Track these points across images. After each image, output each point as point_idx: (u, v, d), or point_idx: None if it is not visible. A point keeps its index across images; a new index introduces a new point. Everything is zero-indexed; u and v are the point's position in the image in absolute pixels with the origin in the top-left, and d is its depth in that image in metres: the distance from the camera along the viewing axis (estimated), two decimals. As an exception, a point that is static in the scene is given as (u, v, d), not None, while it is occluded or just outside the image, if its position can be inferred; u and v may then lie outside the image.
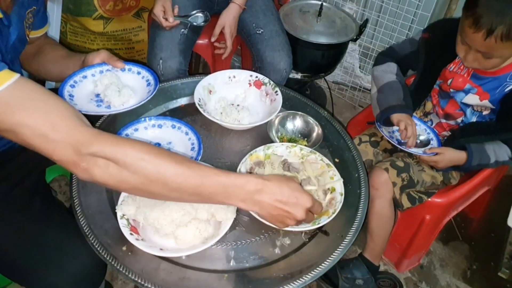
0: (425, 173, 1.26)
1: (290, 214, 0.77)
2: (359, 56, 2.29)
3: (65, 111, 0.71)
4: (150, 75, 1.14)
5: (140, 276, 0.78)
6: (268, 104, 1.18)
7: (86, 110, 1.01)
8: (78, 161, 0.69)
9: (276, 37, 1.50)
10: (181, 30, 1.44)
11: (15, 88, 0.68)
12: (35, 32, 1.07)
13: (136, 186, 0.71)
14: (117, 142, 0.70)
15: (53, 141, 0.68)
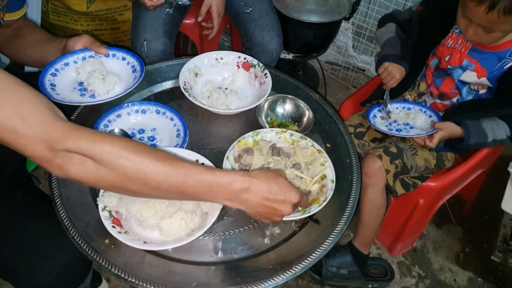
0: (418, 157, 1.23)
1: (277, 211, 0.74)
2: (352, 35, 2.23)
3: (37, 104, 0.65)
4: (136, 60, 1.09)
5: (123, 270, 0.75)
6: (257, 87, 1.14)
7: (69, 100, 0.97)
8: (52, 158, 0.64)
9: (265, 16, 1.44)
10: (166, 9, 1.37)
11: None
12: (11, 15, 1.01)
13: (114, 184, 0.67)
14: (93, 138, 0.65)
15: (24, 136, 0.63)
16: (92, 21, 1.99)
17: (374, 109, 1.28)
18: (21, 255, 0.83)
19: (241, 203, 0.72)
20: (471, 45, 1.16)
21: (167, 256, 0.79)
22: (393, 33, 1.31)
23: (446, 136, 1.16)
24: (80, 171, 0.65)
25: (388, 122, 1.25)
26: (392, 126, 1.24)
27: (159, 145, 0.98)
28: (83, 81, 1.03)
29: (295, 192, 0.74)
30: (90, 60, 1.05)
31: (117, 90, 1.03)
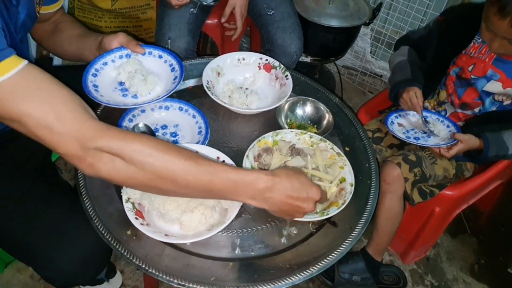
0: (437, 166, 1.23)
1: (300, 208, 0.75)
2: (371, 41, 2.23)
3: (71, 103, 0.68)
4: (173, 58, 1.09)
5: (144, 261, 0.76)
6: (278, 88, 1.15)
7: (114, 102, 0.98)
8: (83, 156, 0.66)
9: (287, 19, 1.46)
10: (190, 9, 1.39)
11: (22, 76, 0.65)
12: (47, 8, 1.02)
13: (143, 182, 0.69)
14: (124, 137, 0.67)
15: (58, 133, 0.65)
16: (115, 18, 2.03)
17: (392, 115, 1.28)
18: (45, 242, 0.86)
19: (264, 201, 0.74)
20: (495, 55, 1.16)
21: (186, 250, 0.81)
22: (405, 55, 1.32)
23: (465, 148, 1.15)
24: (110, 169, 0.67)
25: (406, 129, 1.25)
26: (410, 133, 1.24)
27: (180, 142, 1.00)
28: (124, 81, 1.04)
29: (316, 189, 0.76)
30: (129, 60, 1.05)
31: (158, 90, 1.04)
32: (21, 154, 0.95)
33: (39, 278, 1.37)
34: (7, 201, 0.89)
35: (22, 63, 0.67)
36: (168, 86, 1.03)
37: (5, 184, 0.91)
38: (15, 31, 0.85)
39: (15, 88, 0.65)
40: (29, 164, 0.95)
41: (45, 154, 1.04)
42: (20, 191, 0.91)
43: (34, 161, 0.97)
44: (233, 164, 0.90)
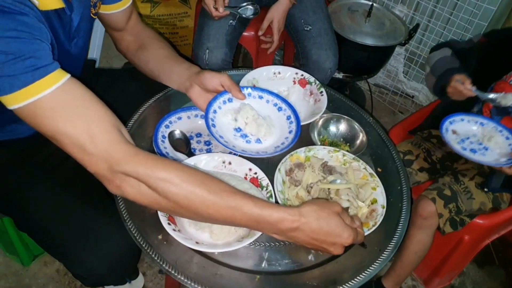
0: (474, 201, 1.19)
1: (326, 250, 0.74)
2: (404, 61, 2.21)
3: (106, 123, 0.71)
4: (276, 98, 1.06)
5: (173, 267, 0.77)
6: (312, 104, 1.15)
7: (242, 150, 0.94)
8: (111, 178, 0.70)
9: (324, 35, 1.47)
10: (229, 21, 1.42)
11: (63, 92, 0.68)
12: (109, 7, 1.00)
13: (167, 209, 0.73)
14: (151, 164, 0.69)
15: (89, 154, 0.68)
16: (153, 24, 2.09)
17: (446, 120, 1.19)
18: (78, 241, 0.88)
19: (288, 238, 0.74)
20: None
21: (214, 259, 0.81)
22: (449, 53, 1.29)
23: None
24: (136, 193, 0.71)
25: (461, 138, 1.17)
26: (465, 143, 1.16)
27: (214, 150, 1.01)
28: (241, 127, 1.01)
29: (348, 234, 0.72)
30: (245, 107, 1.01)
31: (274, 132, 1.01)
32: (58, 155, 0.98)
33: (65, 273, 1.41)
34: (46, 199, 0.92)
35: (65, 78, 0.69)
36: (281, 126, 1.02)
37: (43, 184, 0.94)
38: (69, 37, 0.88)
39: (55, 104, 0.67)
40: (65, 165, 0.98)
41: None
42: (57, 190, 0.93)
43: (70, 162, 1.00)
44: (265, 177, 0.90)
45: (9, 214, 1.02)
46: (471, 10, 1.84)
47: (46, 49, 0.70)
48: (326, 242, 0.72)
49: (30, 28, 0.67)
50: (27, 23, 0.67)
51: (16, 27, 0.65)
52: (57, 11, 0.80)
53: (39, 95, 0.66)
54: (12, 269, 1.42)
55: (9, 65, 0.63)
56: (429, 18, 2.00)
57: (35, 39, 0.67)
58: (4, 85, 0.64)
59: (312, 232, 0.71)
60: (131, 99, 1.09)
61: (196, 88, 0.99)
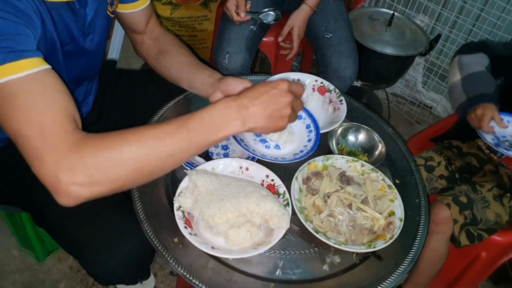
0: (489, 211, 1.17)
1: (279, 103, 0.74)
2: (423, 71, 2.19)
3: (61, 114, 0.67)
4: None
5: (188, 271, 0.78)
6: (331, 112, 1.15)
7: (262, 155, 0.95)
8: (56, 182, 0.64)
9: (345, 43, 1.46)
10: (250, 26, 1.42)
11: (32, 80, 0.65)
12: (126, 6, 1.01)
13: (129, 178, 0.68)
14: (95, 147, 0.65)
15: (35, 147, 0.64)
16: (172, 26, 2.11)
17: None
18: (95, 239, 0.88)
19: (246, 115, 0.73)
20: None
21: (229, 265, 0.81)
22: (484, 66, 1.22)
23: None
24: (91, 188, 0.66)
25: (496, 135, 1.15)
26: (500, 141, 1.15)
27: (231, 155, 1.01)
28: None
29: (280, 80, 0.76)
30: None
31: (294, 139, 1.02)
32: None
33: (78, 270, 1.43)
34: None
35: (40, 67, 0.66)
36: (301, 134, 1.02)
37: None
38: (83, 33, 0.89)
39: (20, 90, 0.64)
40: None
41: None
42: None
43: None
44: (282, 185, 0.90)
45: (27, 210, 1.03)
46: (495, 22, 1.81)
47: (30, 35, 0.68)
48: (268, 92, 0.74)
49: (19, 12, 0.67)
50: (17, 7, 0.67)
51: (4, 8, 0.65)
52: (68, 4, 0.80)
53: (6, 78, 0.63)
54: (27, 264, 1.44)
55: None
56: (450, 29, 1.97)
57: (20, 24, 0.67)
58: None
59: (252, 95, 0.74)
60: (151, 101, 1.10)
61: (219, 95, 0.99)
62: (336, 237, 0.86)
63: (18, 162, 0.95)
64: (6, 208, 1.16)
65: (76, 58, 0.92)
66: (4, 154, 0.97)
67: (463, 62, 1.26)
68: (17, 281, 1.40)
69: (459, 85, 1.23)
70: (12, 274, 1.41)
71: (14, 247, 1.48)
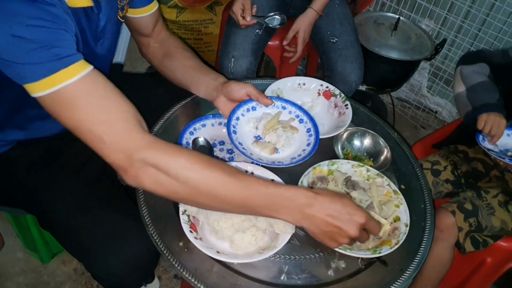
0: (495, 218, 1.17)
1: (342, 230, 0.72)
2: (429, 76, 2.19)
3: (125, 113, 0.72)
4: (298, 110, 1.06)
5: (193, 275, 0.78)
6: (336, 116, 1.15)
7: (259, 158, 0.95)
8: (128, 167, 0.70)
9: (350, 48, 1.46)
10: (256, 30, 1.43)
11: (85, 82, 0.70)
12: (136, 11, 1.02)
13: (184, 197, 0.72)
14: (170, 151, 0.70)
15: (107, 142, 0.69)
16: (178, 29, 2.12)
17: None
18: (100, 243, 0.88)
19: (304, 218, 0.73)
20: None
21: (234, 269, 0.81)
22: (486, 76, 1.24)
23: None
24: (153, 182, 0.70)
25: (498, 148, 1.17)
26: (502, 153, 1.16)
27: (236, 159, 1.02)
28: (261, 136, 1.02)
29: (361, 212, 0.73)
30: (266, 117, 1.03)
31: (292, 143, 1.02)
32: (82, 156, 1.00)
33: (82, 272, 1.43)
34: (69, 199, 0.93)
35: (87, 68, 0.71)
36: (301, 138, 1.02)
37: (67, 184, 0.95)
38: (95, 37, 0.89)
39: (77, 93, 0.69)
40: (90, 167, 0.99)
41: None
42: (81, 191, 0.94)
43: (95, 163, 1.01)
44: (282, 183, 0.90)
45: (32, 212, 1.04)
46: (501, 27, 1.80)
47: (70, 39, 0.71)
48: (341, 218, 0.72)
49: (56, 18, 0.69)
50: (53, 13, 0.68)
51: (43, 16, 0.66)
52: (85, 9, 0.82)
53: (62, 84, 0.67)
54: (31, 266, 1.44)
55: (34, 53, 0.65)
56: (456, 34, 1.97)
57: (60, 29, 0.69)
58: (28, 72, 0.66)
59: (326, 208, 0.72)
60: (157, 104, 1.10)
61: (223, 98, 1.01)
62: (341, 242, 0.85)
63: (24, 165, 0.97)
64: (11, 210, 1.17)
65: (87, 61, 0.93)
66: (9, 157, 0.97)
67: (465, 73, 1.28)
68: (21, 283, 1.40)
69: (464, 95, 1.25)
70: (16, 276, 1.42)
71: (19, 249, 1.48)
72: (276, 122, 1.02)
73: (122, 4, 0.95)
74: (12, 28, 0.64)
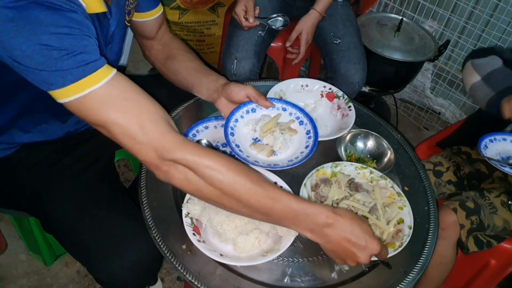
0: (497, 217, 1.16)
1: (354, 255, 0.74)
2: (432, 77, 2.18)
3: (155, 114, 0.74)
4: (298, 111, 1.05)
5: (197, 278, 0.78)
6: (339, 118, 1.14)
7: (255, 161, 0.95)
8: (159, 165, 0.72)
9: (353, 49, 1.46)
10: (258, 31, 1.43)
11: (112, 85, 0.71)
12: (142, 15, 1.02)
13: (209, 197, 0.74)
14: (199, 152, 0.72)
15: (140, 142, 0.71)
16: (180, 30, 2.12)
17: (486, 138, 1.17)
18: (103, 245, 0.88)
19: (321, 237, 0.74)
20: None
21: (237, 271, 0.81)
22: (500, 66, 1.20)
23: None
24: (182, 179, 0.73)
25: (501, 156, 1.16)
26: (504, 161, 1.15)
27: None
28: (259, 138, 1.02)
29: (377, 243, 0.74)
30: (264, 119, 1.03)
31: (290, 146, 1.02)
32: (86, 159, 1.00)
33: (85, 275, 1.43)
34: (73, 202, 0.93)
35: (113, 72, 0.72)
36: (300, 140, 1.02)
37: (71, 187, 0.95)
38: (105, 42, 0.90)
39: (105, 97, 0.70)
40: (93, 170, 0.99)
41: (109, 159, 1.09)
42: (84, 194, 0.94)
43: (99, 165, 1.01)
44: (290, 191, 0.90)
45: (36, 215, 1.04)
46: (504, 28, 1.79)
47: (94, 44, 0.73)
48: (357, 245, 0.73)
49: (80, 24, 0.70)
50: (77, 20, 0.69)
51: (68, 23, 0.67)
52: (98, 15, 0.82)
53: (90, 89, 0.69)
54: (35, 268, 1.45)
55: (62, 60, 0.66)
56: (459, 35, 1.96)
57: (84, 35, 0.70)
58: (56, 79, 0.67)
59: (345, 231, 0.73)
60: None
61: (223, 100, 1.01)
62: (345, 244, 0.85)
63: (27, 167, 0.97)
64: (14, 213, 1.17)
65: None
66: (13, 159, 0.97)
67: (478, 63, 1.24)
68: (24, 285, 1.40)
69: (481, 84, 1.20)
70: (19, 278, 1.42)
71: (22, 251, 1.48)
72: (273, 124, 1.02)
73: (129, 9, 0.95)
74: (39, 37, 0.64)
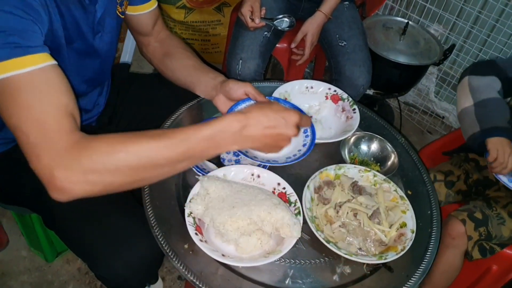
0: (504, 227, 1.15)
1: (282, 135, 0.75)
2: (436, 81, 2.17)
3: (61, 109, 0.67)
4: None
5: (198, 278, 0.77)
6: (343, 120, 1.14)
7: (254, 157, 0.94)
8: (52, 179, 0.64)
9: (358, 52, 1.45)
10: (264, 32, 1.43)
11: (37, 76, 0.66)
12: (136, 8, 1.02)
13: (125, 183, 0.68)
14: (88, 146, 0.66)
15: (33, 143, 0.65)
16: (186, 30, 2.13)
17: None
18: (105, 244, 0.88)
19: (245, 141, 0.73)
20: None
21: (238, 272, 0.81)
22: (496, 92, 1.16)
23: None
24: (84, 187, 0.65)
25: (510, 174, 1.12)
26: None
27: (242, 161, 1.01)
28: None
29: (293, 112, 0.75)
30: None
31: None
32: None
33: (86, 272, 1.43)
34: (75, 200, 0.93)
35: (46, 63, 0.67)
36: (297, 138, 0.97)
37: None
38: (92, 30, 0.89)
39: (23, 85, 0.65)
40: None
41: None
42: None
43: None
44: (293, 193, 0.90)
45: (37, 212, 1.04)
46: (510, 33, 1.79)
47: (37, 31, 0.69)
48: (278, 126, 0.73)
49: (28, 8, 0.67)
50: (26, 2, 0.67)
51: (15, 3, 0.65)
52: (80, 1, 0.82)
53: (11, 73, 0.64)
54: (36, 265, 1.45)
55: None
56: (465, 39, 1.96)
57: (28, 19, 0.67)
58: None
59: (261, 122, 0.73)
60: (164, 105, 1.10)
61: (222, 97, 1.01)
62: (347, 247, 0.85)
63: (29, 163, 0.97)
64: (16, 209, 1.17)
65: (87, 58, 0.93)
66: (15, 154, 0.97)
67: (475, 85, 1.18)
68: (25, 282, 1.41)
69: (471, 111, 1.15)
70: (20, 275, 1.42)
71: (23, 247, 1.49)
72: None
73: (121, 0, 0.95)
74: None
